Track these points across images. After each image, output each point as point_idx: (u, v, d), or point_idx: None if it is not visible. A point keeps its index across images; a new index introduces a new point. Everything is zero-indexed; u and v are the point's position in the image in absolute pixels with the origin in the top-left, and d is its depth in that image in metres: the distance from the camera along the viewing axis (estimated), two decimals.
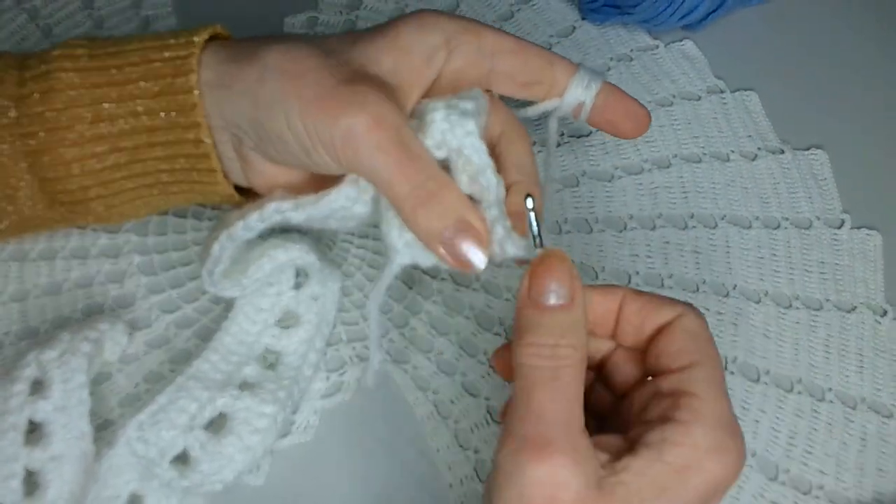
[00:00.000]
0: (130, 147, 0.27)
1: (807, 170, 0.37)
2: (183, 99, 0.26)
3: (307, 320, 0.32)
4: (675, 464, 0.21)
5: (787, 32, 0.42)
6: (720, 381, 0.23)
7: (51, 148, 0.26)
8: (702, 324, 0.23)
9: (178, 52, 0.26)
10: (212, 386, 0.30)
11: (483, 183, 0.25)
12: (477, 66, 0.28)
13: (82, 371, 0.29)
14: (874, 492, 0.30)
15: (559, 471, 0.20)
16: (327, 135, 0.24)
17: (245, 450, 0.29)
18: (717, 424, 0.22)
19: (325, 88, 0.24)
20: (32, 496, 0.27)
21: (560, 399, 0.21)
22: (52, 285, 0.34)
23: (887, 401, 0.32)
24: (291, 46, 0.26)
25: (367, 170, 0.25)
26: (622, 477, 0.21)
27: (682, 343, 0.23)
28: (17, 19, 0.41)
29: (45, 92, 0.26)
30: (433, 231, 0.24)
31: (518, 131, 0.29)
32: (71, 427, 0.28)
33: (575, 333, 0.22)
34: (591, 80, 0.29)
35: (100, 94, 0.26)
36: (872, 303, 0.34)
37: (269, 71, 0.25)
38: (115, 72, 0.26)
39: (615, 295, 0.24)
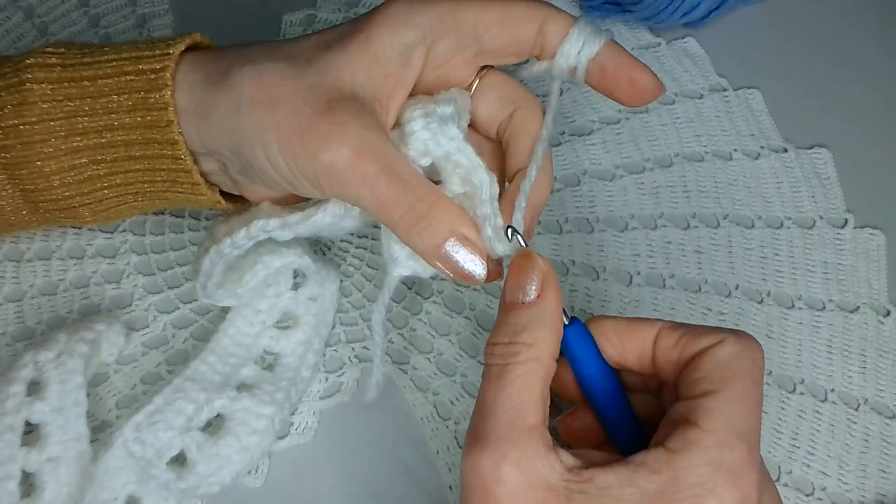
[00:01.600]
0: (108, 160, 0.26)
1: (810, 169, 0.37)
2: (157, 116, 0.25)
3: (305, 321, 0.32)
4: (646, 490, 0.20)
5: (791, 30, 0.41)
6: (741, 415, 0.21)
7: (28, 161, 0.26)
8: (739, 352, 0.22)
9: (153, 64, 0.25)
10: (209, 387, 0.30)
11: (475, 182, 0.25)
12: (462, 52, 0.26)
13: (79, 372, 0.28)
14: (876, 493, 0.30)
15: (494, 465, 0.20)
16: (310, 171, 0.24)
17: (242, 451, 0.29)
18: (712, 462, 0.20)
19: (303, 119, 0.23)
20: (29, 498, 0.27)
21: (505, 394, 0.21)
22: (49, 285, 0.34)
23: (890, 402, 0.32)
24: (264, 69, 0.24)
25: (353, 201, 0.25)
26: (584, 486, 0.20)
27: (706, 372, 0.22)
28: (12, 17, 0.41)
29: (18, 104, 0.25)
30: (428, 249, 0.24)
31: (531, 110, 0.26)
32: (68, 428, 0.28)
33: (533, 330, 0.22)
34: (587, 42, 0.25)
35: (73, 108, 0.25)
36: (875, 303, 0.34)
37: (244, 102, 0.24)
38: (88, 84, 0.25)
39: (650, 328, 0.23)
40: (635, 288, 0.34)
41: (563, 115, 0.39)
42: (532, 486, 0.20)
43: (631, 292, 0.34)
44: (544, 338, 0.22)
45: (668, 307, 0.34)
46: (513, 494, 0.20)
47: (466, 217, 0.24)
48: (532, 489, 0.20)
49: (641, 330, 0.24)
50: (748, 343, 0.22)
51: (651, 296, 0.34)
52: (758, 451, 0.21)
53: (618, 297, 0.34)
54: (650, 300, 0.34)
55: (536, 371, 0.22)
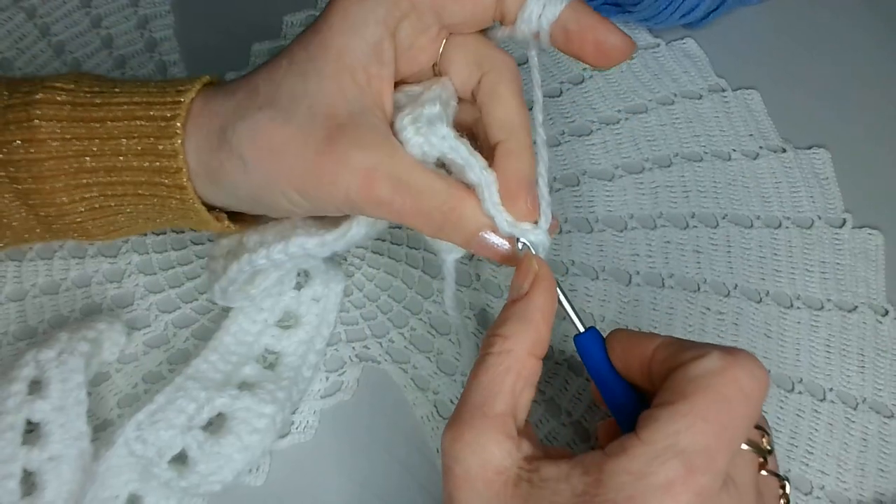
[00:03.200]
0: (118, 194, 0.27)
1: (808, 169, 0.37)
2: (167, 163, 0.25)
3: (307, 321, 0.32)
4: (575, 488, 0.20)
5: (789, 31, 0.41)
6: (682, 429, 0.20)
7: (39, 192, 0.26)
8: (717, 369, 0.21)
9: (164, 112, 0.25)
10: (210, 386, 0.30)
11: (472, 178, 0.25)
12: (425, 32, 0.25)
13: (80, 371, 0.29)
14: (875, 492, 0.30)
15: (452, 444, 0.22)
16: (331, 205, 0.25)
17: (243, 450, 0.29)
18: (636, 474, 0.20)
19: (308, 163, 0.24)
20: (30, 496, 0.27)
21: (475, 382, 0.23)
22: (51, 285, 0.34)
23: (888, 401, 0.32)
24: (256, 123, 0.24)
25: (379, 218, 0.26)
26: (530, 475, 0.21)
27: (673, 383, 0.21)
28: (14, 18, 0.41)
29: (27, 140, 0.26)
30: (461, 244, 0.25)
31: (501, 74, 0.25)
32: (69, 427, 0.28)
33: (513, 323, 0.23)
34: (548, 5, 0.24)
35: (81, 148, 0.26)
36: (874, 302, 0.34)
37: (249, 163, 0.24)
38: (97, 125, 0.26)
39: (650, 342, 0.23)
40: (634, 287, 0.34)
41: (562, 116, 0.39)
42: (482, 467, 0.21)
43: (630, 292, 0.34)
44: (519, 332, 0.23)
45: (666, 307, 0.34)
46: (465, 473, 0.22)
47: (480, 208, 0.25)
48: (482, 470, 0.21)
49: (643, 342, 0.24)
50: (735, 361, 0.21)
51: (650, 295, 0.34)
52: (708, 474, 0.20)
53: (617, 296, 0.34)
54: (649, 300, 0.34)
55: (506, 363, 0.23)
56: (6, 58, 0.40)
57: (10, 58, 0.40)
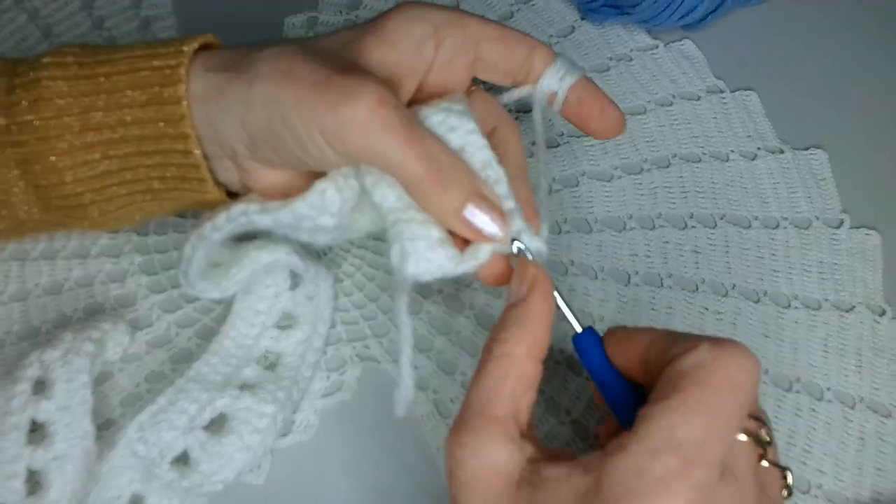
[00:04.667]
0: (121, 155, 0.27)
1: (806, 169, 0.37)
2: (171, 109, 0.26)
3: (304, 321, 0.32)
4: (577, 488, 0.20)
5: (787, 32, 0.42)
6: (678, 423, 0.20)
7: (42, 156, 0.26)
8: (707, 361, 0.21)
9: (168, 61, 0.26)
10: (211, 387, 0.30)
11: (492, 176, 0.25)
12: (463, 56, 0.28)
13: (85, 371, 0.29)
14: (872, 491, 0.30)
15: (454, 449, 0.22)
16: (330, 124, 0.23)
17: (245, 449, 0.29)
18: (634, 469, 0.20)
19: (320, 78, 0.24)
20: (35, 496, 0.27)
21: (476, 387, 0.23)
22: (54, 285, 0.34)
23: (886, 400, 0.32)
24: (282, 49, 0.25)
25: (376, 152, 0.24)
26: (532, 477, 0.21)
27: (665, 378, 0.21)
28: (17, 19, 0.41)
29: (34, 100, 0.26)
30: (450, 207, 0.24)
31: (510, 127, 0.29)
32: (74, 426, 0.28)
33: (511, 328, 0.23)
34: (567, 73, 0.28)
35: (88, 103, 0.26)
36: (871, 302, 0.34)
37: (259, 76, 0.25)
38: (103, 80, 0.26)
39: (645, 336, 0.24)
40: (633, 287, 0.34)
41: (551, 113, 0.39)
42: (484, 470, 0.22)
43: (629, 292, 0.34)
44: (518, 336, 0.23)
45: (665, 307, 0.34)
46: (468, 476, 0.22)
47: (485, 182, 0.25)
48: (485, 473, 0.22)
49: (638, 338, 0.24)
50: (723, 351, 0.21)
51: (649, 295, 0.34)
52: (705, 467, 0.20)
53: (616, 296, 0.34)
54: (648, 300, 0.34)
55: (506, 367, 0.23)
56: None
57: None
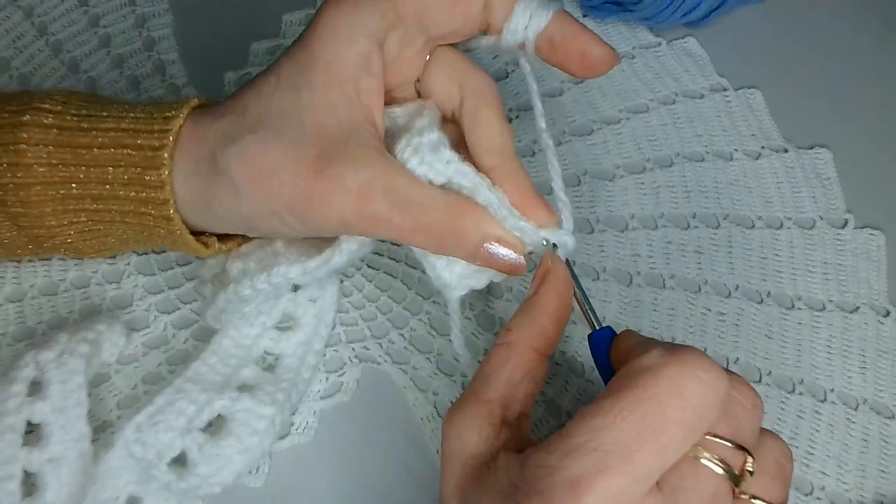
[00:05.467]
0: (105, 221, 0.27)
1: (810, 169, 0.37)
2: (154, 194, 0.25)
3: (305, 322, 0.32)
4: (511, 479, 0.20)
5: (791, 30, 0.41)
6: (601, 427, 0.19)
7: (27, 215, 0.26)
8: (648, 365, 0.19)
9: (151, 141, 0.25)
10: (210, 388, 0.30)
11: (482, 202, 0.25)
12: (413, 41, 0.25)
13: (80, 372, 0.28)
14: (876, 493, 0.30)
15: (445, 427, 0.23)
16: (326, 227, 0.24)
17: (243, 451, 0.29)
18: (548, 466, 0.19)
19: (300, 182, 0.23)
20: (31, 498, 0.27)
21: (478, 371, 0.24)
22: (49, 286, 0.34)
23: (889, 402, 0.32)
24: (245, 145, 0.24)
25: (376, 238, 0.25)
26: (490, 462, 0.22)
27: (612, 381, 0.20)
28: (11, 17, 0.41)
29: (13, 164, 0.25)
30: (468, 257, 0.25)
31: (483, 96, 0.26)
32: (69, 428, 0.28)
33: (517, 318, 0.24)
34: (534, 16, 0.24)
35: (68, 175, 0.25)
36: (875, 303, 0.34)
37: (240, 187, 0.24)
38: (84, 152, 0.25)
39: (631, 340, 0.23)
40: (635, 288, 0.34)
41: (563, 115, 0.39)
42: (461, 450, 0.22)
43: (631, 292, 0.34)
44: (523, 326, 0.23)
45: (667, 307, 0.34)
46: (450, 454, 0.22)
47: (492, 217, 0.25)
48: (461, 453, 0.22)
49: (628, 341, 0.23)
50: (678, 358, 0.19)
51: (651, 296, 0.34)
52: (618, 475, 0.18)
53: (618, 297, 0.34)
54: (650, 300, 0.34)
55: (505, 353, 0.23)
56: (3, 57, 0.40)
57: (7, 57, 0.40)
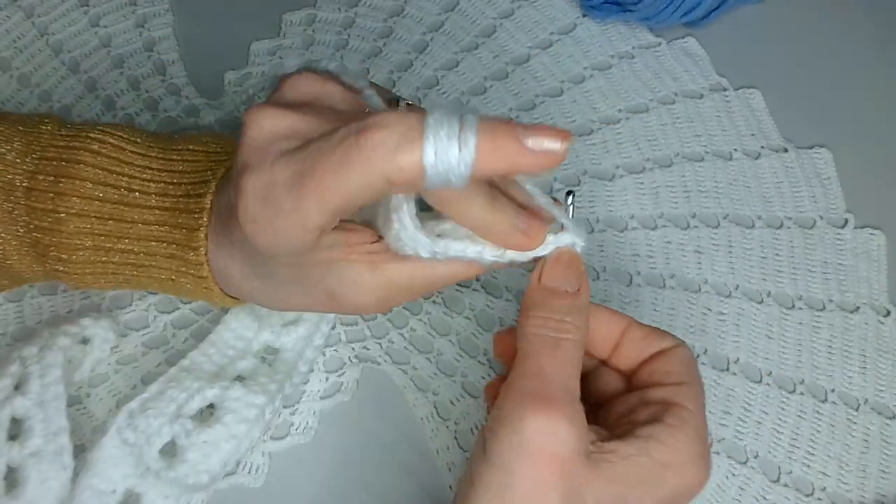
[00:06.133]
0: (143, 277, 0.28)
1: (810, 169, 0.37)
2: (194, 271, 0.26)
3: (308, 318, 0.32)
4: (659, 460, 0.22)
5: (791, 30, 0.41)
6: (703, 406, 0.24)
7: (67, 272, 0.27)
8: (692, 357, 0.25)
9: (189, 220, 0.26)
10: (203, 377, 0.30)
11: (473, 256, 0.23)
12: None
13: (58, 365, 0.29)
14: (876, 493, 0.30)
15: (558, 426, 0.21)
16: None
17: (231, 438, 0.29)
18: (700, 438, 0.23)
19: (320, 301, 0.25)
20: (12, 493, 0.27)
21: (560, 365, 0.23)
22: (49, 285, 0.34)
23: (890, 402, 0.32)
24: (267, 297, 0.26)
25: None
26: (609, 457, 0.22)
27: (677, 366, 0.25)
28: (12, 17, 0.41)
29: (52, 223, 0.26)
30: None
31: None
32: (48, 422, 0.28)
33: (578, 316, 0.24)
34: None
35: (110, 245, 0.26)
36: (876, 303, 0.34)
37: (280, 287, 0.25)
38: (128, 227, 0.26)
39: (621, 320, 0.26)
40: (635, 288, 0.34)
41: (563, 115, 0.39)
42: (581, 452, 0.22)
43: (631, 292, 0.34)
44: (585, 326, 0.24)
45: (667, 307, 0.34)
46: (566, 456, 0.21)
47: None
48: (581, 455, 0.22)
49: (613, 319, 0.26)
50: (692, 353, 0.25)
51: (651, 296, 0.34)
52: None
53: (618, 297, 0.34)
54: (650, 300, 0.34)
55: (579, 352, 0.24)
56: (4, 57, 0.40)
57: (7, 57, 0.40)
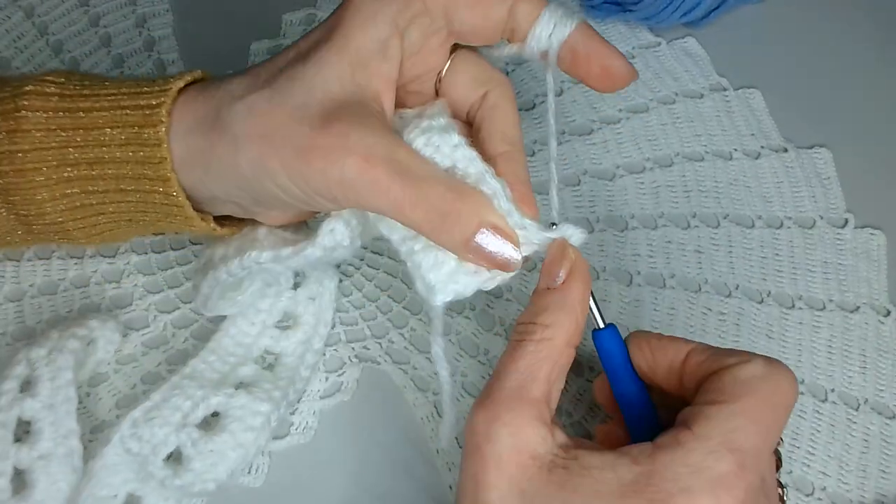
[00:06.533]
0: (100, 191, 0.26)
1: (810, 168, 0.37)
2: (150, 152, 0.25)
3: (305, 321, 0.32)
4: (622, 479, 0.21)
5: (791, 30, 0.41)
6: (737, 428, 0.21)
7: (20, 188, 0.26)
8: (762, 374, 0.22)
9: (149, 100, 0.25)
10: (207, 385, 0.30)
11: (487, 190, 0.24)
12: (434, 36, 0.25)
13: (69, 368, 0.29)
14: (876, 493, 0.30)
15: (488, 424, 0.22)
16: (323, 188, 0.24)
17: (237, 447, 0.29)
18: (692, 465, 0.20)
19: (303, 140, 0.23)
20: (21, 495, 0.27)
21: (515, 366, 0.23)
22: (49, 285, 0.34)
23: (890, 402, 0.32)
24: (252, 102, 0.24)
25: (372, 209, 0.24)
26: (568, 463, 0.21)
27: (721, 384, 0.22)
28: (12, 17, 0.41)
29: (12, 131, 0.25)
30: (458, 244, 0.24)
31: (501, 91, 0.26)
32: (59, 425, 0.28)
33: (551, 313, 0.23)
34: (558, 25, 0.25)
35: (65, 138, 0.25)
36: (876, 303, 0.34)
37: (241, 141, 0.24)
38: (82, 115, 0.25)
39: (683, 346, 0.24)
40: (635, 288, 0.34)
41: (563, 115, 0.39)
42: (518, 450, 0.21)
43: (631, 292, 0.34)
44: (559, 321, 0.23)
45: (668, 307, 0.34)
46: (498, 455, 0.21)
47: (491, 206, 0.24)
48: (518, 454, 0.21)
49: (674, 346, 0.24)
50: (778, 369, 0.23)
51: (651, 295, 0.34)
52: (755, 473, 0.21)
53: (618, 296, 0.34)
54: (650, 300, 0.34)
55: (546, 351, 0.23)
56: (4, 56, 0.40)
57: (7, 56, 0.40)
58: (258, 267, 0.27)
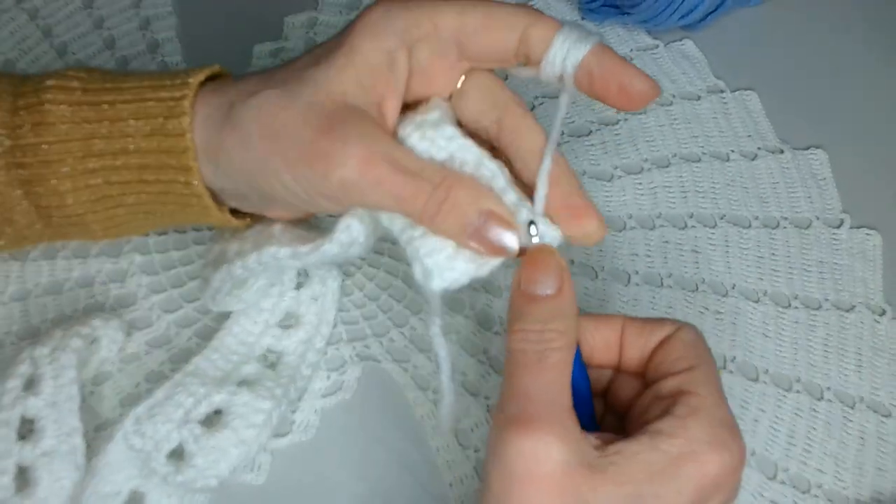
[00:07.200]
0: (122, 181, 0.27)
1: (806, 169, 0.37)
2: (174, 142, 0.26)
3: (307, 321, 0.32)
4: (669, 452, 0.22)
5: (787, 32, 0.42)
6: (717, 383, 0.23)
7: (43, 179, 0.26)
8: (698, 335, 0.25)
9: (173, 92, 0.26)
10: (209, 382, 0.30)
11: (486, 173, 0.25)
12: (444, 56, 0.25)
13: (72, 367, 0.29)
14: (873, 490, 0.30)
15: (541, 445, 0.21)
16: (325, 189, 0.24)
17: (239, 444, 0.29)
18: (715, 421, 0.22)
19: (305, 144, 0.24)
20: (24, 493, 0.27)
21: (545, 379, 0.22)
22: (54, 284, 0.34)
23: (886, 400, 0.32)
24: (263, 100, 0.25)
25: (374, 206, 0.25)
26: (613, 458, 0.22)
27: (682, 351, 0.24)
28: (17, 19, 0.41)
29: (37, 124, 0.26)
30: (458, 231, 0.24)
31: (518, 114, 0.26)
32: (61, 423, 0.28)
33: (561, 319, 0.23)
34: (572, 49, 0.24)
35: (90, 130, 0.26)
36: (871, 302, 0.34)
37: (251, 138, 0.25)
38: (107, 107, 0.26)
39: (615, 323, 0.25)
40: (633, 287, 0.34)
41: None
42: (579, 463, 0.21)
43: (629, 292, 0.34)
44: (572, 328, 0.23)
45: (665, 306, 0.34)
46: (559, 473, 0.21)
47: (489, 192, 0.24)
48: (579, 466, 0.21)
49: (608, 324, 0.25)
50: (697, 330, 0.25)
51: (649, 295, 0.34)
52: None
53: (616, 296, 0.34)
54: (648, 299, 0.34)
55: (568, 358, 0.23)
56: (9, 59, 0.40)
57: (12, 59, 0.40)
58: (275, 263, 0.27)
